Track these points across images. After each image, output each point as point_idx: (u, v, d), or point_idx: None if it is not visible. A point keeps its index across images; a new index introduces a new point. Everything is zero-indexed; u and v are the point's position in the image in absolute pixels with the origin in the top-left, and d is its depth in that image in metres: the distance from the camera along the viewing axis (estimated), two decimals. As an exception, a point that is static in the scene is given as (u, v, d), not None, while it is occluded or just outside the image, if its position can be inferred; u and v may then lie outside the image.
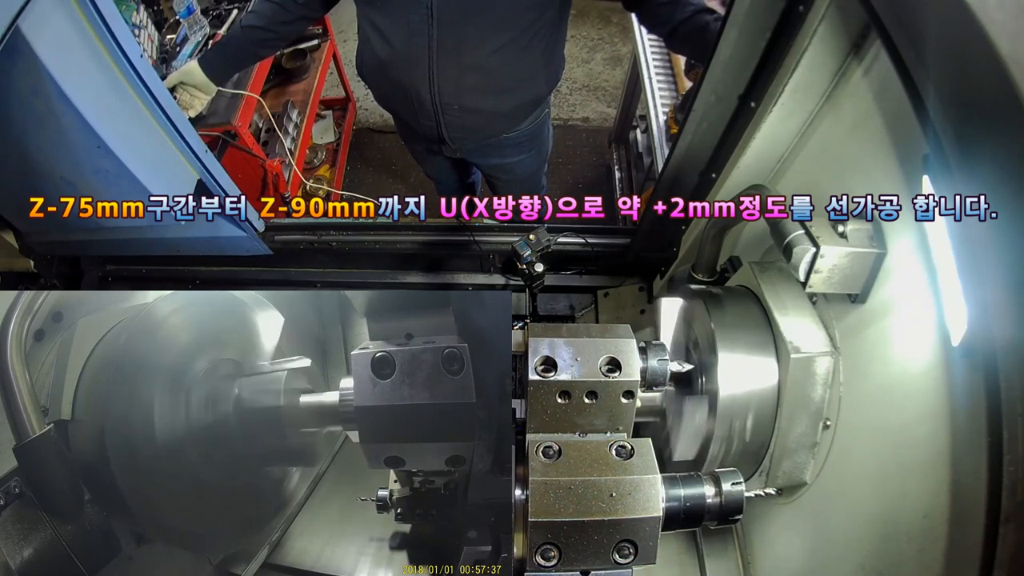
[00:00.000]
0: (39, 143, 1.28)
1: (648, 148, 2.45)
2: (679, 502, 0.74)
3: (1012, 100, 0.46)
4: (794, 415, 0.90)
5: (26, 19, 1.03)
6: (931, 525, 0.68)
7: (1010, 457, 0.51)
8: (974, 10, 0.49)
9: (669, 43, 1.64)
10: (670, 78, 2.26)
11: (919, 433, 0.72)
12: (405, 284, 1.91)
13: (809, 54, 0.92)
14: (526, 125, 1.75)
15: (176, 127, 1.36)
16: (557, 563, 0.69)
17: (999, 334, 0.53)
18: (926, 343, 0.72)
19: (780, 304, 0.94)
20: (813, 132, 1.03)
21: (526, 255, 1.39)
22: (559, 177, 3.13)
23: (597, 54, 3.64)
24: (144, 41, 2.05)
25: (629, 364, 0.78)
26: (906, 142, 0.77)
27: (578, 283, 1.89)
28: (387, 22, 1.49)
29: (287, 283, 1.90)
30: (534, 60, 1.55)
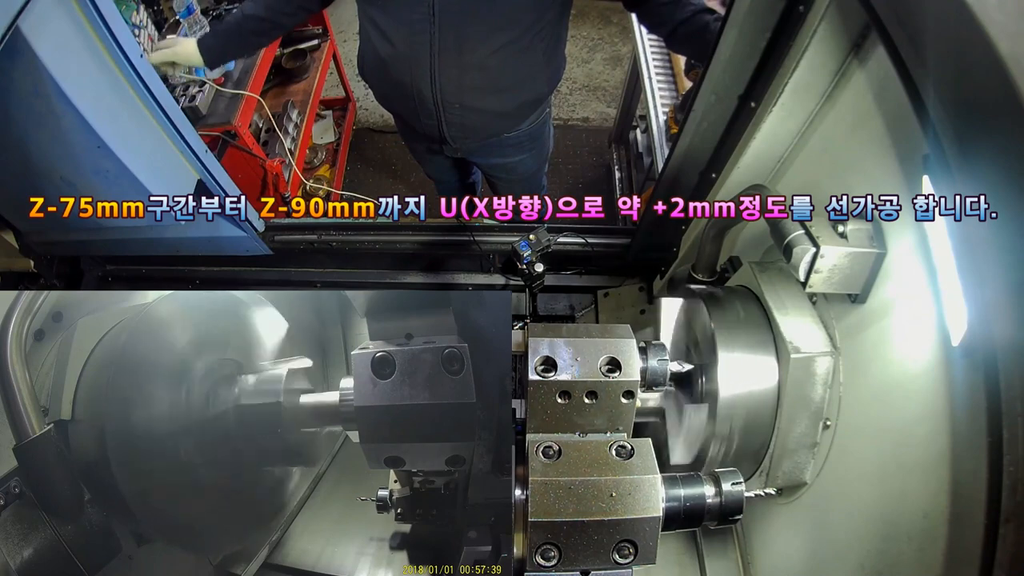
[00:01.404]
0: (39, 143, 1.28)
1: (648, 148, 2.45)
2: (679, 502, 0.74)
3: (1012, 100, 0.46)
4: (794, 415, 0.90)
5: (26, 19, 1.03)
6: (931, 525, 0.68)
7: (1010, 457, 0.51)
8: (974, 10, 0.49)
9: (669, 43, 1.64)
10: (670, 78, 2.26)
11: (919, 433, 0.72)
12: (405, 284, 1.91)
13: (809, 54, 0.92)
14: (527, 125, 1.75)
15: (176, 127, 1.36)
16: (557, 563, 0.69)
17: (999, 334, 0.53)
18: (926, 343, 0.72)
19: (780, 304, 0.94)
20: (813, 132, 1.03)
21: (526, 255, 1.39)
22: (559, 177, 3.13)
23: (597, 54, 3.64)
24: (144, 41, 2.05)
25: (629, 364, 0.78)
26: (906, 142, 0.77)
27: (578, 283, 1.89)
28: (389, 21, 1.49)
29: (287, 283, 1.90)
30: (535, 59, 1.56)
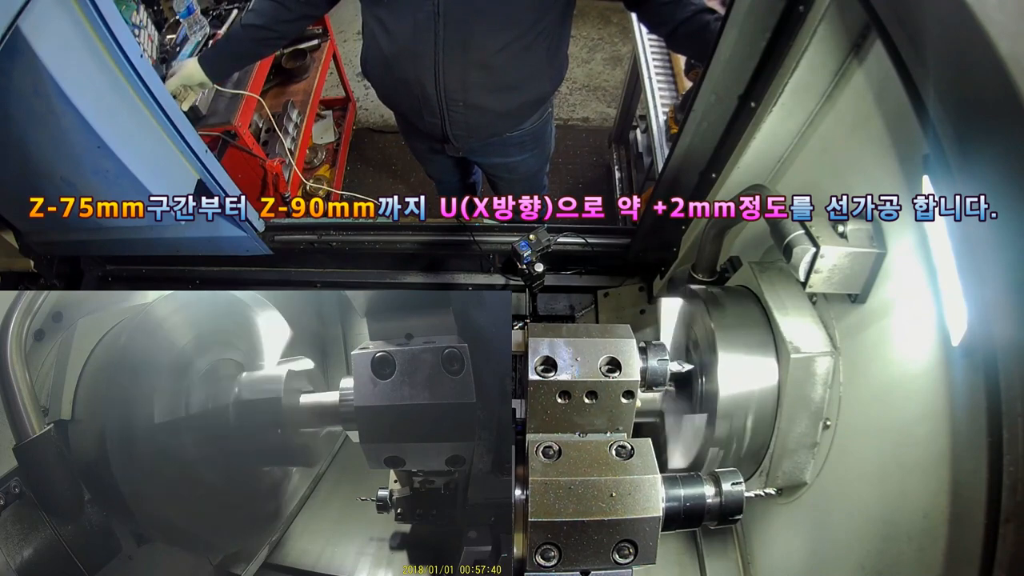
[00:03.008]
0: (39, 143, 1.28)
1: (648, 148, 2.45)
2: (679, 502, 0.74)
3: (1012, 100, 0.46)
4: (794, 415, 0.90)
5: (26, 19, 1.03)
6: (931, 525, 0.68)
7: (1010, 457, 0.51)
8: (974, 10, 0.49)
9: (670, 43, 1.64)
10: (670, 78, 2.26)
11: (919, 433, 0.72)
12: (405, 284, 1.91)
13: (809, 54, 0.92)
14: (529, 124, 1.75)
15: (176, 127, 1.36)
16: (557, 563, 0.69)
17: (999, 334, 0.53)
18: (926, 343, 0.72)
19: (780, 304, 0.94)
20: (813, 132, 1.03)
21: (526, 255, 1.39)
22: (559, 177, 3.13)
23: (597, 54, 3.64)
24: (144, 41, 2.05)
25: (629, 364, 0.78)
26: (906, 142, 0.77)
27: (578, 283, 1.89)
28: (393, 19, 1.50)
29: (287, 283, 1.90)
30: (538, 59, 1.56)
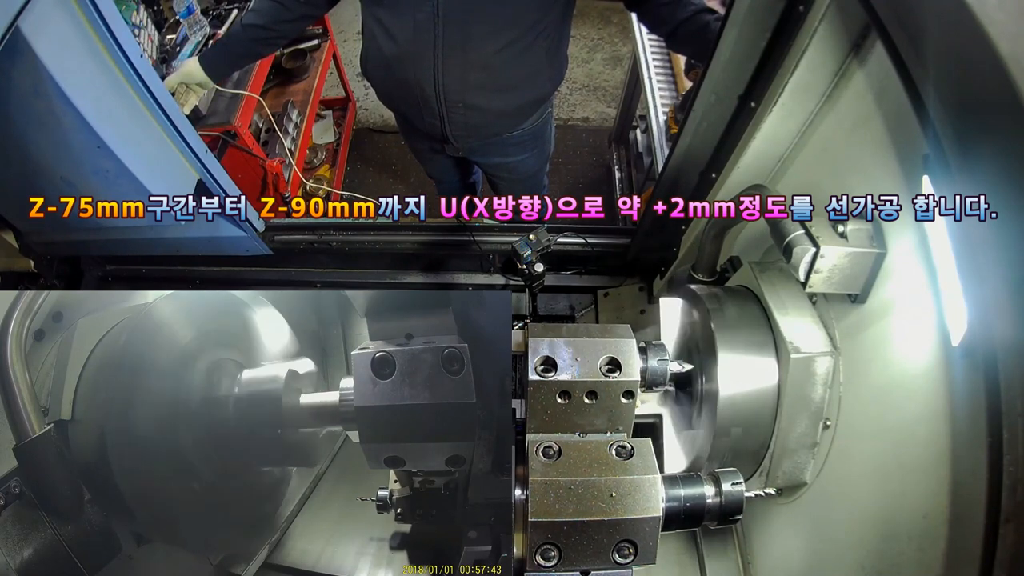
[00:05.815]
0: (39, 143, 1.28)
1: (648, 148, 2.45)
2: (679, 502, 0.74)
3: (1012, 100, 0.46)
4: (794, 415, 0.90)
5: (26, 19, 1.03)
6: (931, 525, 0.68)
7: (1010, 457, 0.51)
8: (974, 10, 0.49)
9: (670, 43, 1.64)
10: (670, 78, 2.26)
11: (919, 433, 0.72)
12: (405, 284, 1.91)
13: (809, 54, 0.92)
14: (529, 124, 1.75)
15: (176, 127, 1.36)
16: (557, 563, 0.69)
17: (999, 334, 0.53)
18: (926, 343, 0.72)
19: (780, 304, 0.94)
20: (813, 132, 1.03)
21: (526, 255, 1.38)
22: (559, 177, 3.13)
23: (597, 54, 3.64)
24: (144, 41, 2.05)
25: (629, 364, 0.78)
26: (906, 142, 0.77)
27: (578, 283, 1.89)
28: (393, 19, 1.50)
29: (287, 283, 1.90)
30: (538, 59, 1.56)
